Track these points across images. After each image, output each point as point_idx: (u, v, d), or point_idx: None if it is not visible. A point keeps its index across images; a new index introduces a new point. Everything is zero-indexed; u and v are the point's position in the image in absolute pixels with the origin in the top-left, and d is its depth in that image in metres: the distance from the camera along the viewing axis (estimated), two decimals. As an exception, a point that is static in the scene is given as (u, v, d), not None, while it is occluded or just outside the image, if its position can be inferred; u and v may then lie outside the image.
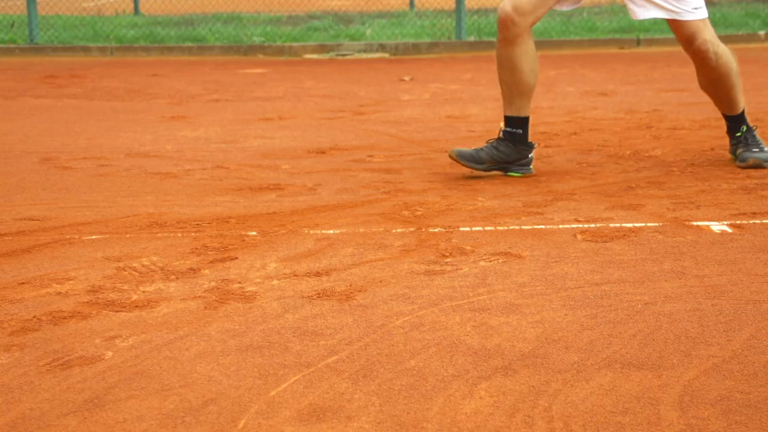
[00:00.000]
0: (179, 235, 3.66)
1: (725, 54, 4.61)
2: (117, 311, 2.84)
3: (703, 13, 4.53)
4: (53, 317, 2.78)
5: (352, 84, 8.54)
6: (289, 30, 11.98)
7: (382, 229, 3.71)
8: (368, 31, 11.80)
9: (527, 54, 4.48)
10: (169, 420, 2.15)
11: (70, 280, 3.13)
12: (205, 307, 2.87)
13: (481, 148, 4.60)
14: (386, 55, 11.11)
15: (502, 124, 4.64)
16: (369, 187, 4.45)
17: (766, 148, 4.76)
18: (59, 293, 3.00)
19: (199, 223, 3.83)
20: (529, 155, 4.64)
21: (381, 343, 2.59)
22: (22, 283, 3.09)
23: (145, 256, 3.39)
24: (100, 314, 2.82)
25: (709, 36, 4.52)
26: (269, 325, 2.72)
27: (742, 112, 4.82)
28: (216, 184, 4.56)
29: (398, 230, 3.70)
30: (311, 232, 3.69)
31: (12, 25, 11.85)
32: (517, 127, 4.58)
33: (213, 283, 3.09)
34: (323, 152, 5.33)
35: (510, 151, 4.59)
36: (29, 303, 2.91)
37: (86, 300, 2.94)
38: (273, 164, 5.01)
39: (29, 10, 11.21)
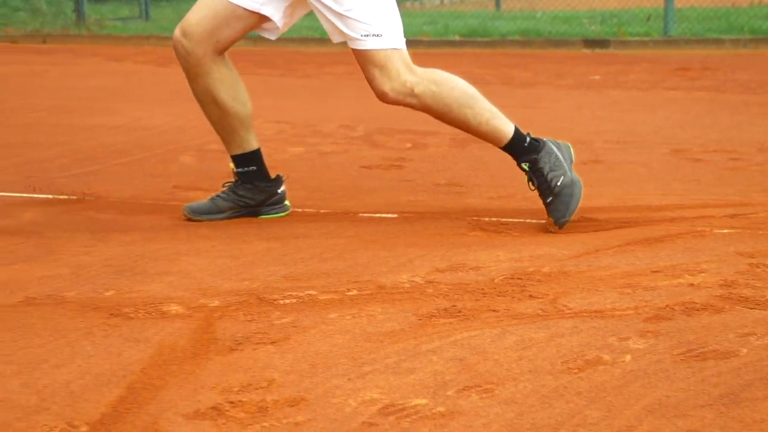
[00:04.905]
0: (816, 235, 3.51)
1: (437, 87, 3.60)
2: (751, 308, 2.79)
3: (383, 42, 3.55)
4: (686, 308, 2.80)
5: None
6: None
7: None
8: None
9: (223, 82, 3.76)
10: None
11: (702, 272, 3.13)
12: None
13: (218, 195, 3.96)
14: None
15: (232, 166, 3.95)
16: None
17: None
18: (691, 284, 3.01)
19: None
20: (279, 191, 3.97)
21: None
22: (655, 272, 3.15)
23: (779, 254, 3.29)
24: (733, 309, 2.78)
25: (395, 73, 3.56)
26: None
27: (516, 140, 3.67)
28: None
29: None
30: None
31: (648, 18, 12.10)
32: (248, 165, 3.91)
33: None
34: None
35: (252, 194, 3.94)
36: (662, 291, 2.96)
37: (719, 294, 2.92)
38: None
39: (666, 3, 11.36)
